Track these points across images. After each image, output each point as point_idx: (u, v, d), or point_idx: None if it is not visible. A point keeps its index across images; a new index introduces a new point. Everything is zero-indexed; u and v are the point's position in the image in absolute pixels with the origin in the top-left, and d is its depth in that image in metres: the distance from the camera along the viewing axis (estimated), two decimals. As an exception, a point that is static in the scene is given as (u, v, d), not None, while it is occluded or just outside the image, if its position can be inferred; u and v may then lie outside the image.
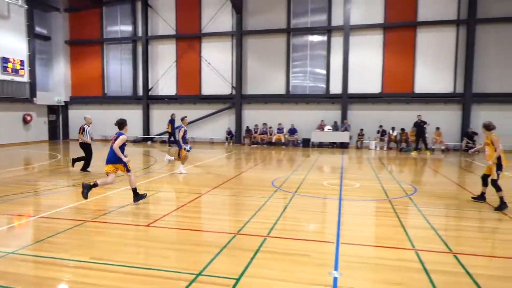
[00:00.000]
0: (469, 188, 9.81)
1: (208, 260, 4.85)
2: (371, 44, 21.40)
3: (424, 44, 20.82)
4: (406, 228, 6.26)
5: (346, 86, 21.59)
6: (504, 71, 20.03)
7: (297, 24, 22.36)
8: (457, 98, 20.52)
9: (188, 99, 24.08)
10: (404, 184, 10.22)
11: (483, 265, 4.83)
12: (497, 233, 6.26)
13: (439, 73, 20.78)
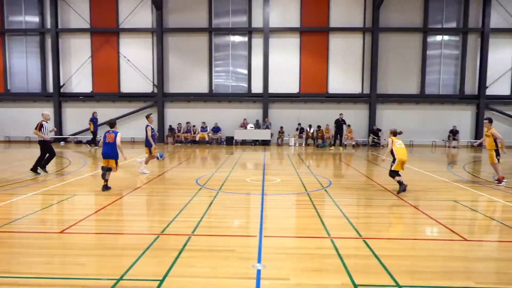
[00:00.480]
0: (376, 179, 10.69)
1: (129, 263, 4.65)
2: (289, 46, 22.23)
3: (336, 49, 22.19)
4: (323, 218, 6.63)
5: (267, 85, 22.17)
6: (401, 74, 22.19)
7: (219, 24, 22.38)
8: (364, 98, 22.23)
9: (106, 96, 22.78)
10: (320, 178, 10.80)
11: (388, 247, 5.31)
12: (398, 217, 6.92)
13: (348, 76, 22.31)
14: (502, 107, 22.24)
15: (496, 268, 4.74)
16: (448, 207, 7.77)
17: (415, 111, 22.23)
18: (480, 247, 5.48)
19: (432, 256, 4.98)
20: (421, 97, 22.26)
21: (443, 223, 6.46)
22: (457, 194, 8.86)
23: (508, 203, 8.06)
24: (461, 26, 22.04)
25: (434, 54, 22.45)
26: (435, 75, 22.54)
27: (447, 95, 22.44)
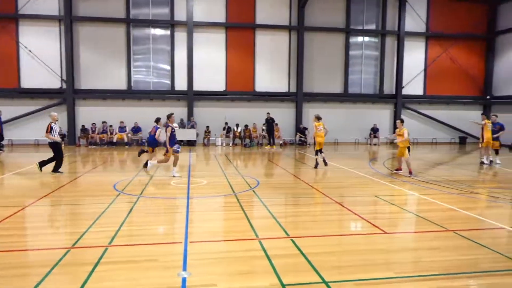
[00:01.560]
0: (303, 178, 11.15)
1: (35, 283, 4.29)
2: (215, 42, 22.21)
3: (263, 46, 22.68)
4: (251, 219, 6.74)
5: (191, 83, 21.90)
6: (326, 74, 23.42)
7: (138, 14, 21.57)
8: (291, 97, 23.03)
9: (2, 92, 20.67)
10: (248, 178, 10.96)
11: (315, 244, 5.57)
12: (324, 215, 7.30)
13: (275, 74, 22.95)
14: (417, 106, 24.52)
15: (413, 257, 5.22)
16: (369, 202, 8.38)
17: (339, 110, 23.57)
18: (398, 238, 6.00)
19: (356, 250, 5.34)
20: (345, 96, 23.67)
21: (366, 218, 6.95)
22: (378, 189, 9.59)
23: (423, 196, 8.92)
24: (380, 28, 23.86)
25: (356, 54, 24.02)
26: (357, 74, 24.12)
27: (368, 95, 24.14)
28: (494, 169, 13.72)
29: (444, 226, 6.46)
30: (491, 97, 24.87)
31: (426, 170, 13.24)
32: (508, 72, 23.77)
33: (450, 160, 16.06)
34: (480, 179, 11.72)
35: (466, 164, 14.98)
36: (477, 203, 8.46)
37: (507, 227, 6.54)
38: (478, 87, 25.25)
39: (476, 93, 25.25)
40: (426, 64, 24.47)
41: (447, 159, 16.83)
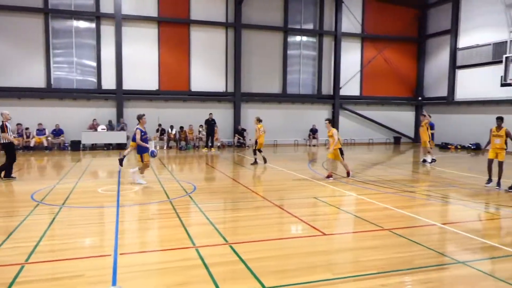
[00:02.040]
0: (241, 181, 11.23)
1: None
2: (146, 37, 21.63)
3: (198, 43, 22.51)
4: (187, 227, 6.65)
5: (121, 81, 21.13)
6: (265, 73, 23.82)
7: (57, 4, 20.32)
8: (228, 97, 23.10)
9: None
10: (184, 183, 10.81)
11: (254, 249, 5.63)
12: (264, 219, 7.41)
13: (212, 73, 22.89)
14: (354, 107, 25.79)
15: (351, 257, 5.48)
16: (309, 204, 8.65)
17: (278, 111, 24.08)
18: (337, 239, 6.27)
19: (297, 254, 5.48)
20: (284, 96, 24.24)
21: (305, 220, 7.17)
22: (317, 191, 9.93)
23: (360, 196, 9.40)
24: (318, 28, 24.76)
25: (294, 54, 24.70)
26: (295, 74, 24.81)
27: (307, 95, 24.93)
28: (428, 167, 14.81)
29: (380, 225, 6.85)
30: (422, 98, 26.83)
31: (364, 170, 13.95)
32: (437, 75, 25.78)
33: (385, 160, 17.06)
34: (414, 178, 12.60)
35: (401, 164, 16.01)
36: (411, 201, 9.08)
37: (438, 223, 7.09)
38: (410, 89, 27.12)
39: (409, 94, 27.11)
40: (362, 65, 25.82)
41: (383, 159, 17.85)
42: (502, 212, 8.23)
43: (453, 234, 6.53)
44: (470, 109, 22.93)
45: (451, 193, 10.09)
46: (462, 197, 9.46)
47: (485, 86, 21.61)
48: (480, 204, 8.91)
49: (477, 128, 21.28)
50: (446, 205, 9.02)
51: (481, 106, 22.07)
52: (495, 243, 6.01)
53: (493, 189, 10.40)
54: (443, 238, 6.52)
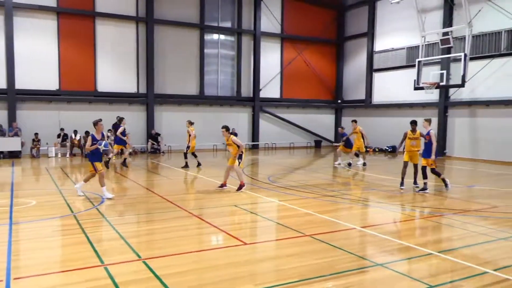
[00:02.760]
0: (156, 190, 10.99)
1: None
2: (44, 30, 20.26)
3: (105, 39, 21.61)
4: (94, 243, 6.36)
5: (13, 79, 19.52)
6: (180, 73, 23.58)
7: None
8: (140, 98, 22.49)
9: None
10: (90, 194, 10.31)
11: (171, 264, 5.56)
12: (181, 230, 7.34)
13: (122, 72, 22.11)
14: (274, 110, 26.55)
15: (274, 266, 5.64)
16: (229, 212, 8.75)
17: (195, 114, 23.90)
18: (259, 248, 6.42)
19: (217, 266, 5.51)
20: (201, 98, 24.19)
21: (225, 229, 7.24)
22: (237, 198, 10.06)
23: (281, 202, 9.71)
24: (236, 27, 25.13)
25: (212, 53, 24.78)
26: (213, 75, 24.90)
27: (226, 97, 25.14)
28: (348, 171, 15.72)
29: (302, 232, 7.14)
30: (341, 101, 28.46)
31: (285, 175, 14.42)
32: (355, 77, 27.55)
33: (307, 164, 17.80)
34: (334, 182, 13.31)
35: (322, 168, 16.81)
36: (331, 206, 9.58)
37: (358, 227, 7.58)
38: (330, 91, 28.63)
39: (329, 97, 28.60)
40: (282, 67, 26.69)
41: (304, 163, 18.61)
42: (416, 213, 9.03)
43: (371, 237, 7.02)
44: (387, 112, 24.83)
45: (370, 196, 10.83)
46: (380, 200, 10.20)
47: (400, 89, 23.56)
48: (396, 206, 9.68)
49: (393, 130, 23.04)
50: (365, 208, 9.66)
51: (396, 109, 23.99)
52: (410, 243, 6.57)
53: (415, 190, 11.37)
54: (363, 241, 6.98)
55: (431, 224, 8.09)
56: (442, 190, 11.46)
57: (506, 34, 18.75)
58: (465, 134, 20.78)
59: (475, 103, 20.06)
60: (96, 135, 10.17)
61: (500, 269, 5.43)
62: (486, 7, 19.16)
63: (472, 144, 20.39)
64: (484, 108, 19.75)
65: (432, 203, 10.11)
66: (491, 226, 7.75)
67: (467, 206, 9.67)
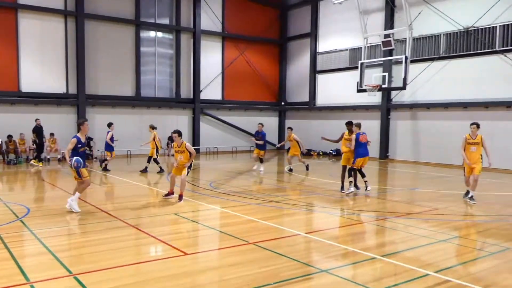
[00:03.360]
0: (88, 199, 10.65)
1: None
2: (-45, 22, 18.99)
3: (29, 34, 20.59)
4: (19, 259, 6.07)
5: None
6: (114, 73, 22.97)
7: None
8: (70, 100, 21.65)
9: None
10: (14, 205, 9.82)
11: (106, 279, 5.42)
12: (116, 242, 7.17)
13: (49, 71, 21.16)
14: (215, 112, 26.57)
15: (217, 276, 5.69)
16: (169, 221, 8.67)
17: (131, 116, 23.41)
18: (201, 258, 6.43)
19: (156, 278, 5.45)
20: (137, 100, 23.69)
21: (165, 239, 7.17)
22: (178, 206, 9.99)
23: (224, 209, 9.76)
24: (174, 24, 24.89)
25: (149, 51, 24.37)
26: (150, 75, 24.48)
27: (164, 98, 24.80)
28: (292, 175, 16.05)
29: (245, 239, 7.23)
30: (285, 103, 29.02)
31: (227, 181, 14.50)
32: (298, 79, 28.20)
33: (250, 169, 17.95)
34: (279, 187, 13.56)
35: (266, 172, 17.04)
36: (275, 212, 9.76)
37: (302, 233, 7.79)
38: (273, 93, 29.11)
39: (272, 99, 29.07)
40: (224, 67, 26.79)
41: (247, 168, 18.77)
42: (360, 217, 9.43)
43: (316, 243, 7.25)
44: (330, 114, 25.62)
45: (314, 200, 11.16)
46: (324, 204, 10.54)
47: (344, 91, 24.45)
48: (341, 211, 10.04)
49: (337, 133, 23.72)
50: (309, 213, 9.94)
51: (340, 112, 24.83)
52: (355, 248, 6.86)
53: (363, 193, 11.84)
54: (307, 247, 7.19)
55: (374, 228, 8.49)
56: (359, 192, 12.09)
57: (445, 37, 20.02)
58: (407, 137, 21.93)
59: (416, 105, 21.24)
60: (81, 137, 9.37)
61: (441, 270, 5.82)
62: (426, 10, 20.39)
63: (414, 147, 21.57)
64: (425, 110, 20.96)
65: (376, 207, 10.60)
66: (432, 228, 8.26)
67: (409, 209, 10.23)
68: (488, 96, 18.33)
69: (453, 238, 7.73)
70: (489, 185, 13.76)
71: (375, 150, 22.69)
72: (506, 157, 17.26)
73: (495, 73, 18.19)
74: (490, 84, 18.30)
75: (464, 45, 19.36)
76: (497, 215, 9.58)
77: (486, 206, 10.43)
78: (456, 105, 19.46)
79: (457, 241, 7.62)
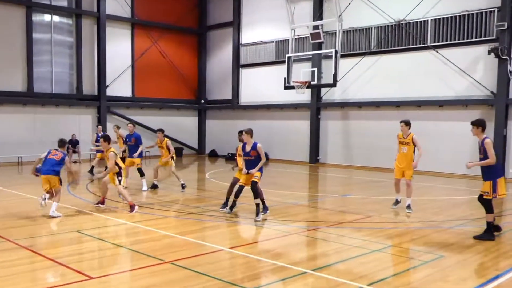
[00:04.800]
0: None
1: None
2: None
3: None
4: None
5: None
6: (0, 64, 21.68)
7: None
8: None
9: None
10: None
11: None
12: (5, 267, 6.77)
13: None
14: (125, 111, 25.92)
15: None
16: (71, 240, 8.35)
17: (22, 116, 22.21)
18: (109, 282, 6.27)
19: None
20: (30, 96, 22.51)
21: (65, 262, 6.90)
22: (80, 222, 9.67)
23: (136, 224, 9.59)
24: (74, 7, 23.97)
25: (43, 39, 23.24)
26: (45, 67, 23.34)
27: (63, 95, 23.79)
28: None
29: (160, 258, 7.16)
30: (205, 101, 29.01)
31: (139, 191, 14.20)
32: (220, 74, 28.36)
33: (165, 177, 17.72)
34: (199, 197, 13.54)
35: (184, 180, 16.91)
36: (195, 225, 9.76)
37: (226, 248, 7.86)
38: (192, 90, 29.05)
39: (191, 96, 29.01)
40: (134, 59, 26.25)
41: (162, 175, 18.50)
42: (289, 228, 9.67)
43: (242, 258, 7.34)
44: (256, 114, 25.99)
45: (238, 211, 11.25)
46: (250, 215, 10.67)
47: (270, 88, 24.91)
48: (269, 222, 10.22)
49: (264, 135, 24.25)
50: (233, 225, 10.05)
51: (266, 111, 25.29)
52: (284, 263, 7.03)
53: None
54: (232, 264, 7.27)
55: (305, 240, 8.77)
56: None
57: (376, 30, 21.11)
58: (338, 139, 22.81)
59: (347, 104, 22.20)
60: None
61: (375, 282, 6.14)
62: (356, 1, 21.32)
63: (345, 149, 22.49)
64: (356, 110, 21.97)
65: (307, 216, 10.95)
66: (366, 237, 8.70)
67: (341, 217, 10.67)
68: (421, 95, 19.63)
69: (386, 247, 8.19)
70: (421, 189, 14.70)
71: (304, 153, 23.41)
72: (437, 159, 18.52)
73: (428, 69, 19.49)
74: (423, 81, 19.58)
75: (395, 39, 20.57)
76: (430, 221, 10.28)
77: (419, 212, 11.14)
78: (388, 104, 20.62)
79: (390, 250, 8.09)
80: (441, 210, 11.78)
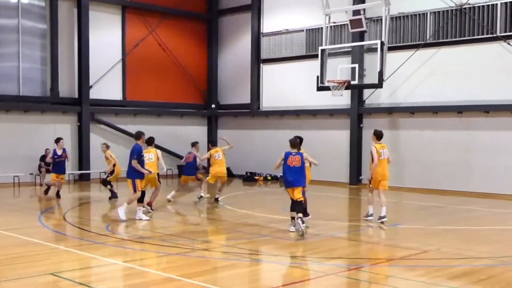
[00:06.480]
0: None
1: None
2: None
3: None
4: None
5: None
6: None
7: None
8: None
9: None
10: None
11: None
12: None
13: None
14: (114, 119, 25.96)
15: None
16: (42, 286, 8.33)
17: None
18: None
19: None
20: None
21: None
22: (57, 261, 9.72)
23: (129, 264, 9.57)
24: (48, -15, 24.20)
25: (8, 25, 23.38)
26: (10, 61, 23.42)
27: (33, 98, 23.86)
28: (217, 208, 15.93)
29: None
30: (217, 106, 28.80)
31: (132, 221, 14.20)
32: (235, 71, 28.34)
33: (165, 203, 17.72)
34: (209, 228, 13.52)
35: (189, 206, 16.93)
36: (205, 264, 9.73)
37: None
38: (200, 92, 29.01)
39: (198, 100, 28.98)
40: (125, 52, 26.34)
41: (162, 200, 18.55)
42: (323, 268, 9.57)
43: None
44: (281, 122, 25.85)
45: (262, 246, 11.22)
46: (273, 251, 10.63)
47: (299, 89, 24.81)
48: (297, 259, 10.15)
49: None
50: (254, 264, 9.98)
51: (294, 119, 25.11)
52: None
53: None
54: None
55: (345, 282, 8.64)
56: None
57: (432, 16, 20.96)
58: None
59: (396, 109, 22.03)
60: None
61: None
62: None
63: (395, 166, 21.79)
64: (408, 116, 21.80)
65: (347, 252, 10.85)
66: (421, 278, 8.43)
67: (390, 253, 10.62)
68: (490, 98, 19.32)
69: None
70: (491, 217, 14.49)
71: (343, 172, 23.16)
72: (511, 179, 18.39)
73: (498, 66, 19.21)
74: (492, 81, 19.36)
75: (457, 28, 20.38)
76: (502, 257, 10.09)
77: (488, 246, 10.97)
78: (448, 109, 20.45)
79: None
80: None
